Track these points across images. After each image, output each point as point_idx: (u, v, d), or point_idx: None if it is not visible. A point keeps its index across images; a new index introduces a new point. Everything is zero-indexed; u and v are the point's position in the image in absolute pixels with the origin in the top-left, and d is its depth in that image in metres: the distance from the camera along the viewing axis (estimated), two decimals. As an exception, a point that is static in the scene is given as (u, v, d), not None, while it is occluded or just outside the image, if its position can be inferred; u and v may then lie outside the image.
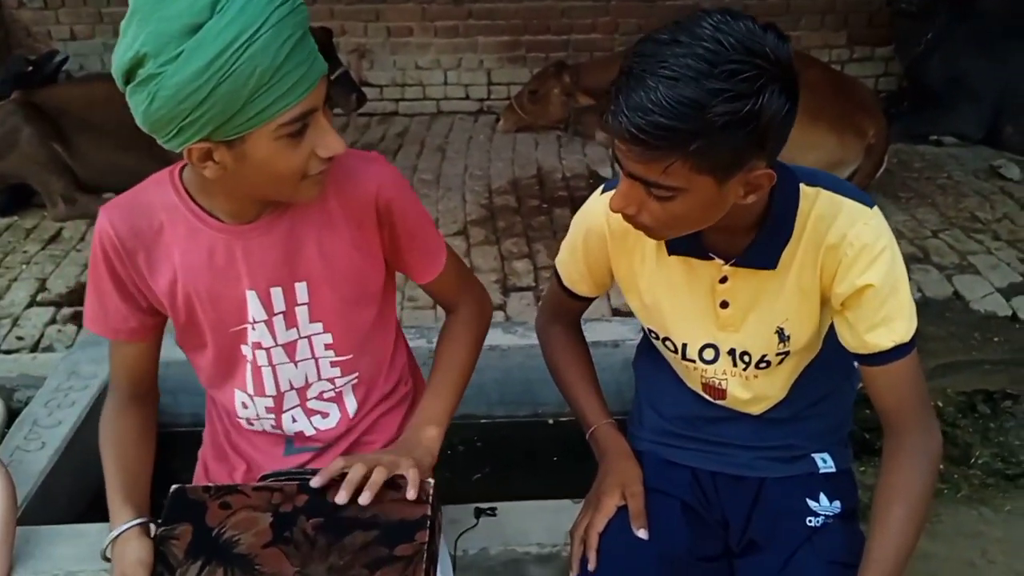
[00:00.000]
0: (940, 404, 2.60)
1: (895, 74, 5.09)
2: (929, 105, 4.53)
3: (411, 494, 1.13)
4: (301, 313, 1.26)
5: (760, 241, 1.18)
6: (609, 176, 4.16)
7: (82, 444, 1.63)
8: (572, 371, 1.47)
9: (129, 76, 1.02)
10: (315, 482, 1.16)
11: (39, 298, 3.22)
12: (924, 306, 3.05)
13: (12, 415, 2.57)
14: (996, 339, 2.85)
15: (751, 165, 1.04)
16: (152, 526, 1.20)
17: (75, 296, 3.22)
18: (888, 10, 4.64)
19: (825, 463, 1.33)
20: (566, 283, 1.44)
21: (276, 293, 1.24)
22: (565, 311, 1.51)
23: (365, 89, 4.78)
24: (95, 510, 1.59)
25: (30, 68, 4.27)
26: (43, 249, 3.60)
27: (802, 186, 1.18)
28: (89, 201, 3.84)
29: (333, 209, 1.23)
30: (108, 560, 1.19)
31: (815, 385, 1.31)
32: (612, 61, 4.72)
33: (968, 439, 2.47)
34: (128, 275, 1.22)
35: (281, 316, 1.26)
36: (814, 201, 1.16)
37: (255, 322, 1.25)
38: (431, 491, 1.16)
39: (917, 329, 1.18)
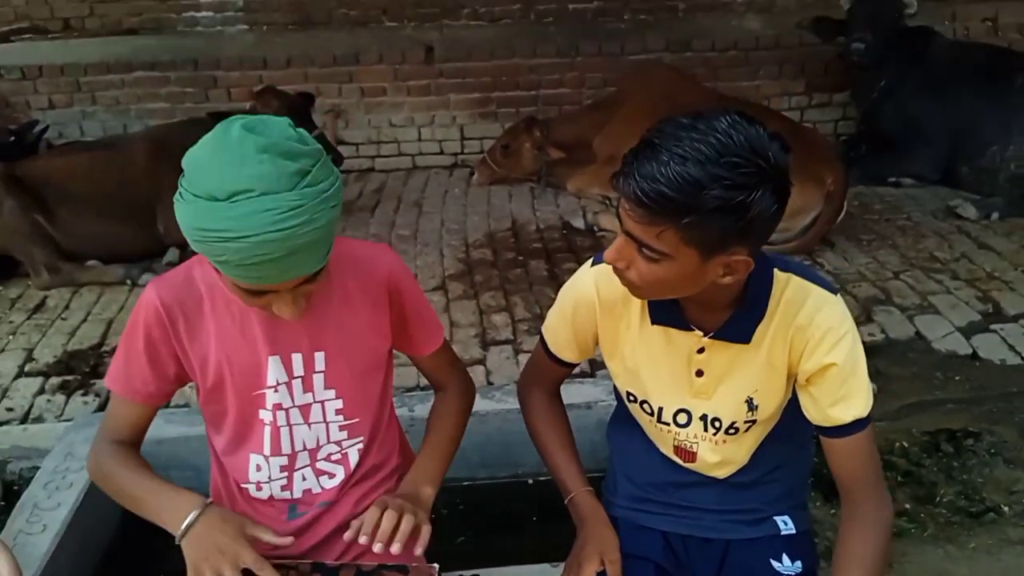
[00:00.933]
0: (905, 444, 2.69)
1: (853, 118, 5.26)
2: (886, 149, 4.70)
3: (419, 550, 1.26)
4: (317, 380, 1.40)
5: (736, 317, 1.29)
6: (581, 227, 4.27)
7: (81, 525, 1.69)
8: (552, 437, 1.56)
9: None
10: (348, 535, 1.27)
11: (27, 368, 3.25)
12: (887, 347, 3.17)
13: (6, 487, 2.61)
14: (957, 378, 2.96)
15: (733, 250, 1.16)
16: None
17: (62, 366, 3.26)
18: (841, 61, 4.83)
19: (786, 525, 1.42)
20: (552, 349, 1.54)
21: (297, 359, 1.38)
22: (548, 377, 1.60)
23: (341, 147, 4.91)
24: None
25: (12, 139, 4.35)
26: (29, 319, 3.64)
27: (775, 271, 1.30)
28: (72, 269, 3.90)
29: (351, 290, 1.38)
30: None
31: (774, 453, 1.41)
32: (580, 115, 4.89)
33: (933, 478, 2.56)
34: (166, 342, 1.34)
35: (299, 380, 1.39)
36: (785, 285, 1.29)
37: (277, 384, 1.38)
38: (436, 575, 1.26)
39: (872, 407, 1.29)
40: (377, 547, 1.24)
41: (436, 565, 1.27)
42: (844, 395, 1.26)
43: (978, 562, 2.25)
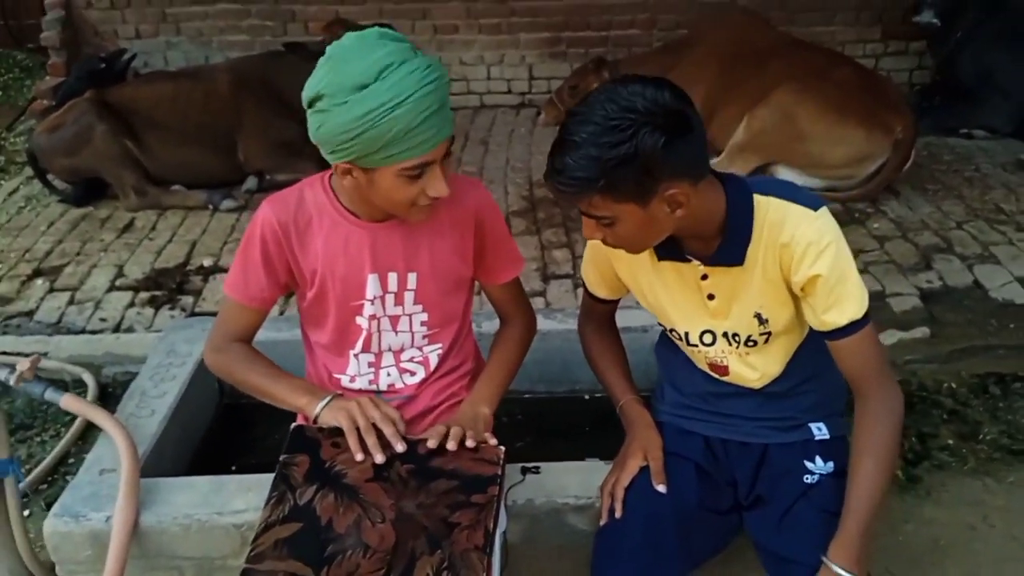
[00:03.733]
0: (953, 385, 2.77)
1: (929, 68, 5.18)
2: (960, 100, 4.64)
3: (493, 441, 1.47)
4: (408, 296, 1.58)
5: (725, 243, 1.42)
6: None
7: (184, 411, 1.90)
8: (605, 359, 1.72)
9: (310, 104, 1.36)
10: (431, 443, 1.43)
11: (118, 283, 3.48)
12: (945, 294, 3.21)
13: (101, 389, 2.86)
14: (1012, 326, 3.00)
15: (663, 187, 1.29)
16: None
17: (151, 282, 3.49)
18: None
19: (820, 431, 1.54)
20: (589, 288, 1.70)
21: (392, 277, 1.56)
22: (595, 312, 1.76)
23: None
24: (196, 468, 1.86)
25: (102, 66, 4.55)
26: (118, 238, 3.87)
27: (756, 196, 1.41)
28: (158, 193, 4.12)
29: (444, 220, 1.55)
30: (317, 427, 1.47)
31: (807, 364, 1.52)
32: (650, 57, 4.89)
33: (978, 417, 2.63)
34: (280, 254, 1.51)
35: (392, 295, 1.57)
36: (767, 209, 1.40)
37: (374, 298, 1.55)
38: (502, 455, 1.43)
39: (870, 307, 1.39)
40: (432, 443, 1.43)
41: (503, 448, 1.44)
42: (835, 301, 1.36)
43: (1015, 495, 2.34)
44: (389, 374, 1.66)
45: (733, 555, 1.59)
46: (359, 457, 1.39)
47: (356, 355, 1.63)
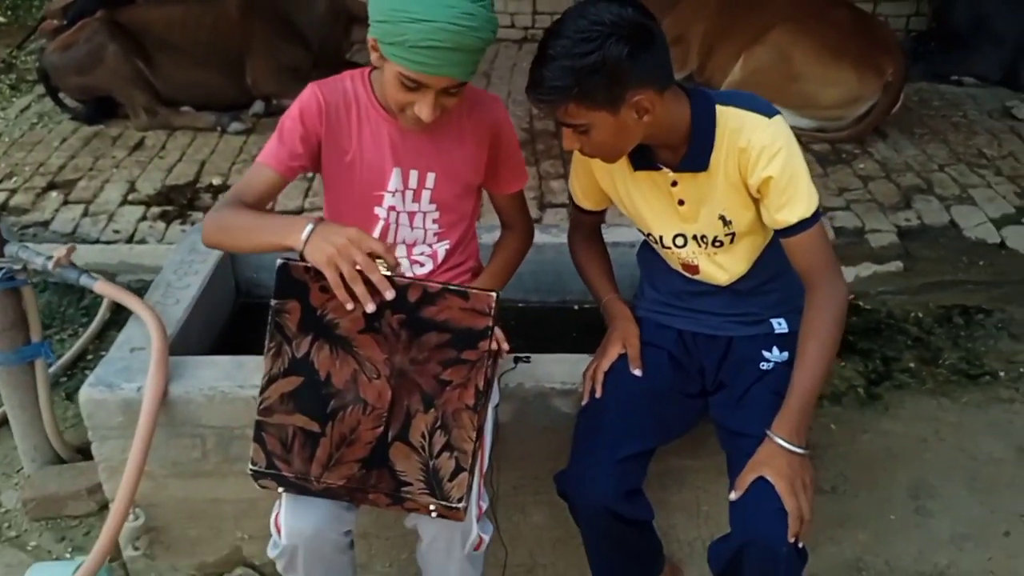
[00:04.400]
0: (920, 315, 2.95)
1: (926, 14, 5.26)
2: (953, 46, 4.72)
3: (505, 347, 1.55)
4: (425, 194, 1.72)
5: (692, 150, 1.56)
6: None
7: (207, 300, 2.06)
8: (591, 266, 1.88)
9: None
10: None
11: (130, 198, 3.63)
12: (921, 231, 3.36)
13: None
14: (981, 263, 3.17)
15: (631, 94, 1.43)
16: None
17: (162, 198, 3.64)
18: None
19: (780, 326, 1.70)
20: (576, 200, 1.86)
21: (413, 174, 1.69)
22: (583, 224, 1.92)
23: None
24: (219, 349, 2.02)
25: (113, -15, 4.60)
26: (129, 155, 4.00)
27: (718, 107, 1.55)
28: (168, 113, 4.24)
29: (464, 128, 1.68)
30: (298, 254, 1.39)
31: (770, 264, 1.68)
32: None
33: (940, 344, 2.82)
34: (317, 127, 1.63)
35: (411, 192, 1.71)
36: (727, 117, 1.54)
37: (393, 191, 1.70)
38: (493, 303, 1.39)
39: (819, 206, 1.53)
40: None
41: (494, 293, 1.40)
42: (786, 201, 1.50)
43: (967, 414, 2.54)
44: (400, 264, 1.81)
45: (698, 439, 1.78)
46: (349, 307, 1.37)
47: None
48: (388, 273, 1.37)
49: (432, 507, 1.42)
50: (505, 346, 1.57)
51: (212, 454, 1.81)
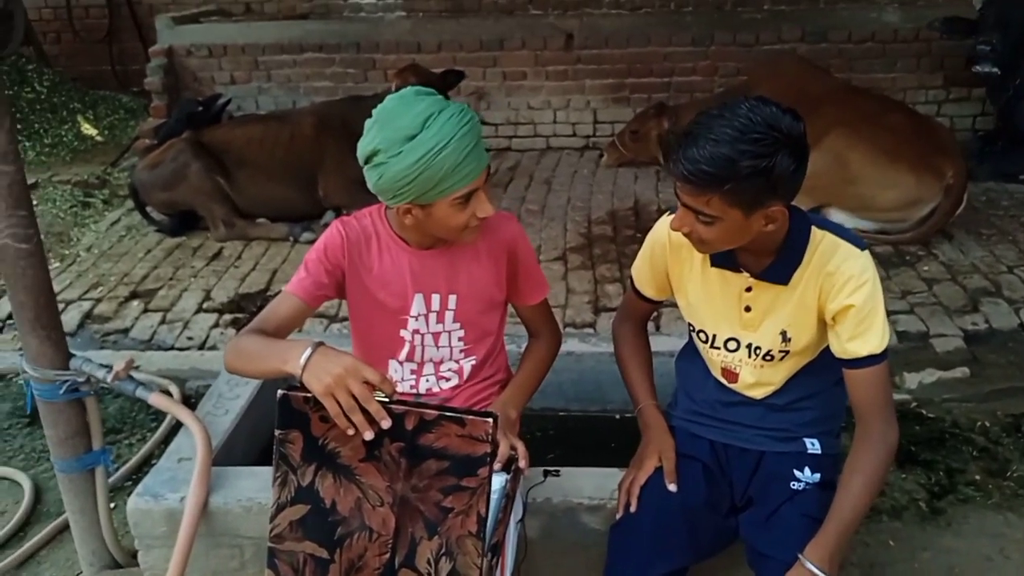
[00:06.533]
0: (987, 424, 2.83)
1: (992, 114, 5.20)
2: (1020, 146, 4.66)
3: (520, 446, 1.61)
4: (448, 315, 1.79)
5: (778, 262, 1.57)
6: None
7: (255, 411, 2.15)
8: (632, 361, 1.89)
9: (367, 160, 1.57)
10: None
11: (205, 306, 3.81)
12: (989, 336, 3.26)
13: (185, 400, 3.15)
14: (1053, 369, 3.04)
15: (769, 204, 1.44)
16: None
17: (234, 305, 3.80)
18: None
19: (813, 446, 1.68)
20: (636, 285, 1.86)
21: (435, 298, 1.78)
22: (635, 312, 1.92)
23: (482, 127, 5.29)
24: (263, 462, 2.08)
25: (200, 109, 4.96)
26: (207, 265, 4.22)
27: (813, 228, 1.57)
28: (245, 225, 4.48)
29: (481, 249, 1.77)
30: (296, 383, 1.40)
31: (806, 384, 1.67)
32: (710, 103, 5.05)
33: (1007, 455, 2.68)
34: (339, 260, 1.73)
35: (435, 314, 1.79)
36: (820, 240, 1.56)
37: (418, 315, 1.77)
38: (490, 429, 1.38)
39: (889, 347, 1.53)
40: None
41: (491, 418, 1.38)
42: (861, 332, 1.51)
43: (1036, 531, 2.39)
44: (428, 380, 1.86)
45: (730, 558, 1.74)
46: (350, 432, 1.38)
47: (401, 362, 1.84)
48: (386, 399, 1.39)
49: None
50: (524, 463, 1.58)
51: (250, 564, 1.86)
